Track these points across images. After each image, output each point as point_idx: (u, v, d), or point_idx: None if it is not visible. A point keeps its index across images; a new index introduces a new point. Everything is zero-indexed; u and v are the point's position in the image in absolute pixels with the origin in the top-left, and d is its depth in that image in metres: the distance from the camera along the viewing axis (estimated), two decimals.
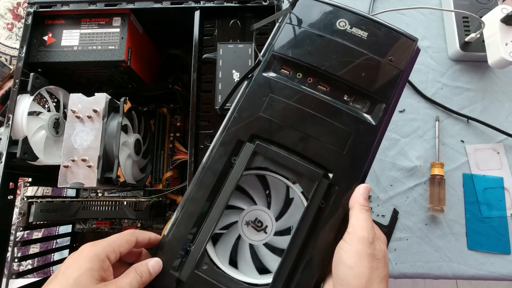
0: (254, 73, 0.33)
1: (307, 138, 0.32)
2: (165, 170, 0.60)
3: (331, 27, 0.33)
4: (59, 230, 0.64)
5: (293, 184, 0.34)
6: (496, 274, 0.57)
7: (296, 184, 0.34)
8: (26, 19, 0.46)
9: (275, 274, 0.30)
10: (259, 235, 0.34)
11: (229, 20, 0.45)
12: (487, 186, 0.61)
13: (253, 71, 0.34)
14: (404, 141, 0.64)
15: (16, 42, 0.78)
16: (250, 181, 0.36)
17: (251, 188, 0.36)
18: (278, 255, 0.35)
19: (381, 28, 0.33)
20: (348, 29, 0.33)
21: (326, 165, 0.32)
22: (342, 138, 0.32)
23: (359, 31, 0.33)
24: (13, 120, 0.43)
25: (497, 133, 0.63)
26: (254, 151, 0.31)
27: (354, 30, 0.33)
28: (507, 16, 0.55)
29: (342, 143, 0.32)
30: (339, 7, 0.34)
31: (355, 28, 0.33)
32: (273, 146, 0.32)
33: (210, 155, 0.32)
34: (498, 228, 0.59)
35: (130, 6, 0.46)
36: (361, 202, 0.30)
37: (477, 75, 0.67)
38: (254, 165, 0.32)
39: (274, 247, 0.35)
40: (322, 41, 0.33)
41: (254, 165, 0.32)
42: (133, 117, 0.53)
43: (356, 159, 0.32)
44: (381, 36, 0.33)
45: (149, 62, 0.56)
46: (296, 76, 0.34)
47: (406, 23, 0.70)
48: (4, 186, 0.41)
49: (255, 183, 0.36)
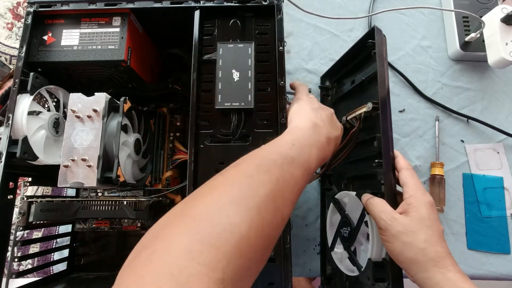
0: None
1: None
2: (165, 170, 0.60)
3: None
4: (59, 229, 0.64)
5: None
6: (496, 274, 0.57)
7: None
8: (26, 18, 0.46)
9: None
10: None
11: (229, 20, 0.45)
12: (487, 186, 0.61)
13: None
14: (404, 141, 0.64)
15: (16, 41, 0.78)
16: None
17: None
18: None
19: None
20: None
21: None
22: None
23: None
24: (13, 120, 0.42)
25: (497, 133, 0.63)
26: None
27: None
28: (507, 16, 0.55)
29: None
30: None
31: None
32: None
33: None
34: (498, 228, 0.59)
35: (130, 6, 0.46)
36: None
37: (477, 75, 0.67)
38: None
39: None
40: None
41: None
42: (133, 116, 0.53)
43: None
44: None
45: (149, 62, 0.56)
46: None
47: (406, 23, 0.70)
48: (4, 186, 0.41)
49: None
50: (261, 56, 0.43)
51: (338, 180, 0.55)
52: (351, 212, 0.46)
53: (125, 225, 0.58)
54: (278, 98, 0.41)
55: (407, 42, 0.69)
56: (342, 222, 0.47)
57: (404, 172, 0.39)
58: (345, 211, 0.47)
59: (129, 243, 0.62)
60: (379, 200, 0.38)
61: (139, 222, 0.57)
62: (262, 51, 0.43)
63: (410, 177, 0.38)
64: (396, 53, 0.68)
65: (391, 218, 0.35)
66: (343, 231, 0.46)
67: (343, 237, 0.46)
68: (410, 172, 0.39)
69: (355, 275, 0.43)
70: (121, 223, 0.58)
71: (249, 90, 0.41)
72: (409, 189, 0.37)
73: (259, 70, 0.42)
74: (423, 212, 0.35)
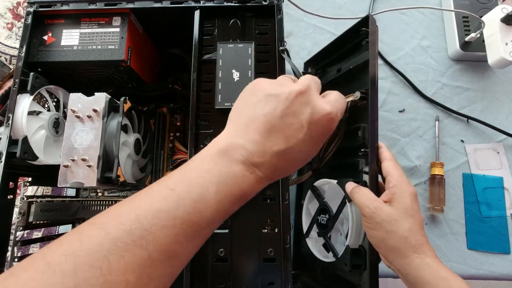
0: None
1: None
2: (165, 170, 0.60)
3: None
4: (59, 229, 0.64)
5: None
6: (496, 274, 0.57)
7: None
8: (26, 18, 0.46)
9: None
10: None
11: (229, 20, 0.45)
12: (487, 186, 0.61)
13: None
14: (404, 141, 0.64)
15: (16, 41, 0.78)
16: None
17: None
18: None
19: None
20: None
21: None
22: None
23: None
24: (13, 120, 0.42)
25: (497, 133, 0.63)
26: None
27: None
28: (507, 15, 0.55)
29: None
30: None
31: None
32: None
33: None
34: (497, 228, 0.59)
35: (130, 6, 0.46)
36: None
37: (477, 75, 0.67)
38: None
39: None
40: None
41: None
42: (133, 116, 0.53)
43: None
44: None
45: (149, 62, 0.56)
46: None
47: (406, 23, 0.70)
48: (4, 186, 0.41)
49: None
50: (261, 56, 0.43)
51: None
52: (330, 200, 0.47)
53: None
54: None
55: (407, 42, 0.69)
56: (320, 210, 0.48)
57: (387, 162, 0.40)
58: (324, 198, 0.48)
59: None
60: (365, 189, 0.39)
61: None
62: (262, 51, 0.43)
63: (393, 167, 0.39)
64: (396, 53, 0.68)
65: (377, 207, 0.36)
66: (321, 219, 0.47)
67: (321, 224, 0.47)
68: (394, 163, 0.40)
69: (330, 261, 0.45)
70: None
71: None
72: (393, 179, 0.38)
73: (259, 70, 0.42)
74: (407, 202, 0.36)
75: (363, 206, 0.37)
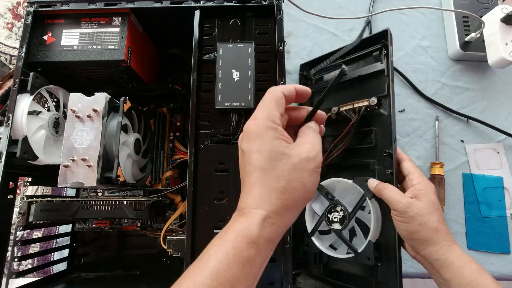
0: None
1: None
2: (165, 170, 0.60)
3: None
4: (59, 229, 0.64)
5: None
6: (496, 274, 0.57)
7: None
8: (26, 18, 0.46)
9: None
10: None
11: (229, 20, 0.45)
12: (487, 185, 0.61)
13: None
14: (404, 141, 0.64)
15: (16, 41, 0.78)
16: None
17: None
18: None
19: None
20: None
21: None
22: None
23: None
24: (13, 120, 0.43)
25: (497, 132, 0.63)
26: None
27: None
28: (507, 15, 0.55)
29: None
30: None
31: None
32: None
33: None
34: (497, 227, 0.59)
35: (130, 6, 0.46)
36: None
37: (477, 75, 0.67)
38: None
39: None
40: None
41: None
42: (133, 116, 0.53)
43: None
44: None
45: (149, 62, 0.56)
46: None
47: (406, 23, 0.70)
48: (4, 186, 0.41)
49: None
50: (261, 56, 0.43)
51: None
52: (341, 199, 0.49)
53: (125, 225, 0.58)
54: None
55: (407, 42, 0.69)
56: (330, 208, 0.49)
57: (407, 162, 0.44)
58: (334, 197, 0.49)
59: (129, 243, 0.62)
60: (393, 186, 0.42)
61: (139, 222, 0.57)
62: (262, 51, 0.43)
63: (413, 167, 0.44)
64: (396, 53, 0.68)
65: (410, 202, 0.40)
66: (332, 216, 0.48)
67: (332, 222, 0.48)
68: (412, 163, 0.45)
69: (343, 257, 0.47)
70: (121, 223, 0.58)
71: (249, 90, 0.41)
72: (415, 177, 0.42)
73: (259, 70, 0.42)
74: (433, 197, 0.41)
75: (395, 201, 0.40)
